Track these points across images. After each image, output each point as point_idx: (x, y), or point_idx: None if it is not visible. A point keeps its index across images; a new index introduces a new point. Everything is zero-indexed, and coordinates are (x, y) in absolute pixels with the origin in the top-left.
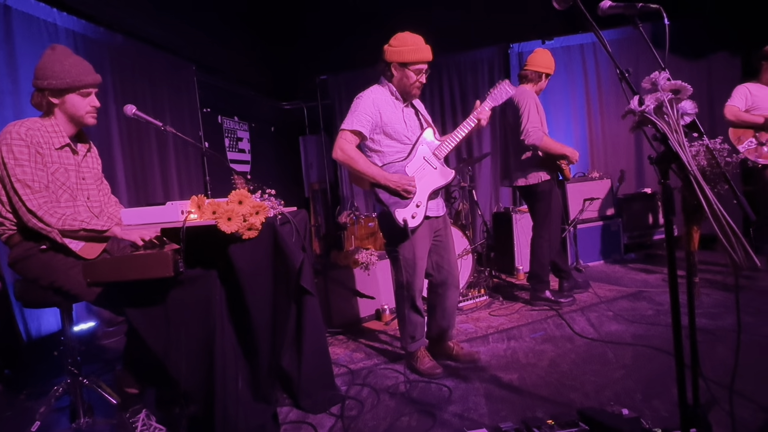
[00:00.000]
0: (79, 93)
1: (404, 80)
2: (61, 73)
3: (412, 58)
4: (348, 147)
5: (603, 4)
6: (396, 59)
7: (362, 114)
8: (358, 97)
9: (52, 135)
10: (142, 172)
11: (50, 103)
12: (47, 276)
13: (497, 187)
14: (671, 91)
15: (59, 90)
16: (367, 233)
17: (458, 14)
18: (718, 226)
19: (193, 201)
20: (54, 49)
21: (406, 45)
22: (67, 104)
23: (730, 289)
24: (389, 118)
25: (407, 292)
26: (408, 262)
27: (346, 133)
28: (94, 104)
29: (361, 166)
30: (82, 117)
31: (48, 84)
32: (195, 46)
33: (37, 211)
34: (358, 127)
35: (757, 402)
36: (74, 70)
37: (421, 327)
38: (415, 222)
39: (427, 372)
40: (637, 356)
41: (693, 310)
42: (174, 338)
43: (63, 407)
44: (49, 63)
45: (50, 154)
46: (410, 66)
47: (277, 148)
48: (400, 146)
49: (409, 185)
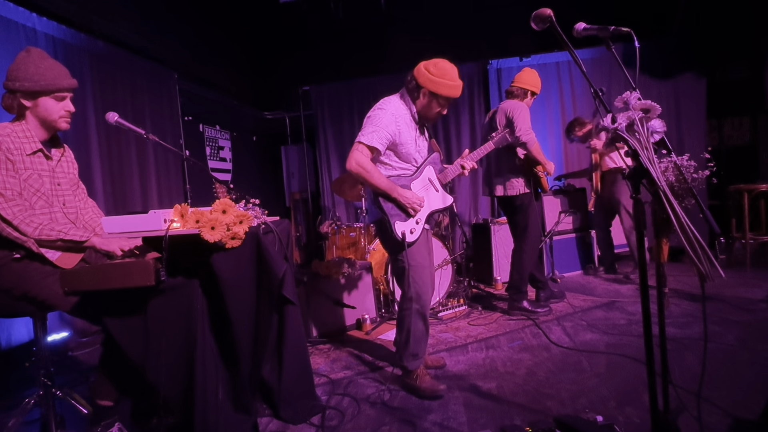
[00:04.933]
0: (53, 96)
1: (429, 108)
2: (35, 76)
3: (446, 93)
4: (363, 161)
5: (578, 26)
6: (431, 87)
7: (383, 131)
8: (380, 108)
9: (23, 140)
10: (120, 180)
11: (22, 106)
12: (20, 286)
13: (476, 198)
14: (642, 110)
15: (32, 92)
16: (349, 243)
17: (439, 31)
18: (685, 238)
19: (176, 210)
20: (29, 51)
21: (445, 78)
22: (40, 108)
23: (698, 299)
24: (405, 139)
25: (417, 305)
26: (416, 271)
27: (363, 147)
28: (68, 109)
29: (375, 180)
30: (55, 122)
31: (20, 86)
32: (177, 54)
33: (13, 220)
34: (377, 144)
35: (723, 407)
36: (49, 73)
37: (424, 344)
38: (413, 237)
39: (429, 391)
40: (611, 365)
41: (663, 320)
42: (154, 348)
43: (34, 420)
44: (23, 65)
45: (22, 160)
46: (441, 99)
47: (259, 157)
48: (405, 164)
49: (419, 205)
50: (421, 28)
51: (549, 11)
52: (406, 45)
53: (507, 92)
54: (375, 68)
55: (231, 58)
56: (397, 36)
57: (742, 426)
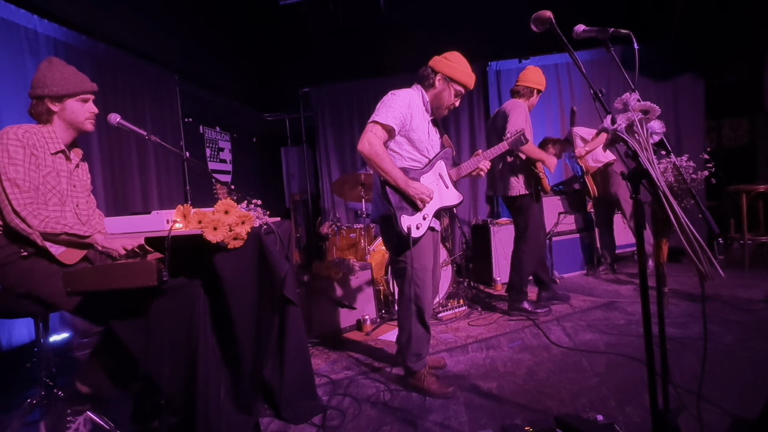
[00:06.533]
0: (78, 99)
1: (443, 95)
2: (61, 81)
3: (461, 79)
4: (376, 142)
5: (577, 28)
6: (447, 72)
7: (397, 110)
8: (393, 93)
9: (48, 141)
10: (121, 181)
11: (49, 111)
12: (25, 284)
13: (476, 199)
14: (641, 111)
15: (59, 96)
16: (349, 244)
17: (438, 32)
18: (685, 238)
19: (178, 210)
20: (50, 61)
21: (461, 65)
22: (67, 110)
23: (697, 300)
24: (417, 125)
25: (416, 306)
26: (417, 273)
27: (377, 126)
28: (93, 110)
29: (386, 165)
30: (81, 123)
31: (49, 91)
32: (178, 55)
33: (21, 211)
34: (392, 122)
35: (723, 407)
36: (73, 78)
37: (427, 344)
38: (419, 233)
39: (439, 393)
40: (611, 364)
41: (663, 320)
42: (156, 348)
43: (35, 421)
44: (48, 72)
45: (45, 157)
46: (455, 84)
47: (259, 159)
48: (419, 156)
49: (428, 197)
50: (420, 30)
51: (549, 13)
52: (405, 46)
53: (512, 92)
54: (375, 70)
55: (231, 59)
56: (396, 37)
57: (742, 425)
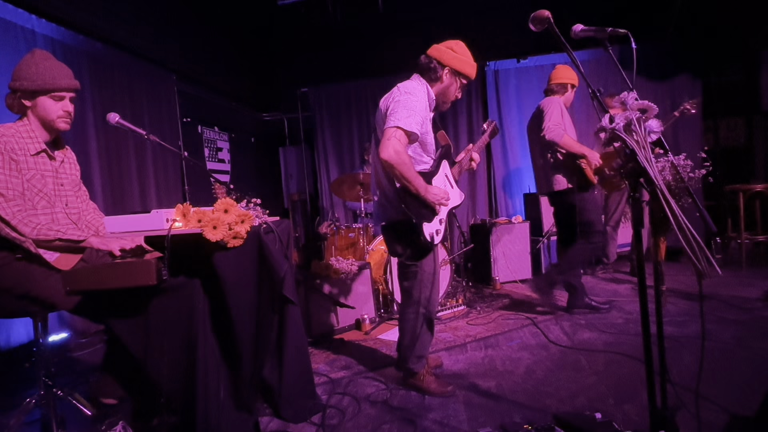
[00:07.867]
0: (50, 96)
1: (450, 90)
2: (33, 75)
3: (468, 72)
4: (402, 150)
5: (576, 27)
6: (455, 65)
7: (418, 114)
8: (409, 92)
9: (27, 141)
10: (119, 180)
11: (22, 105)
12: (22, 285)
13: (474, 198)
14: (639, 110)
15: (30, 92)
16: (347, 244)
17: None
18: (682, 236)
19: (178, 209)
20: (33, 53)
21: (467, 57)
22: (38, 107)
23: (695, 299)
24: (428, 126)
25: (425, 309)
26: (428, 276)
27: (401, 132)
28: (67, 109)
29: (410, 173)
30: (53, 121)
31: (20, 85)
32: (176, 55)
33: (11, 220)
34: (415, 128)
35: (721, 404)
36: (48, 73)
37: (429, 346)
38: (439, 238)
39: (439, 392)
40: (609, 363)
41: (661, 319)
42: (155, 347)
43: (34, 421)
44: (25, 65)
45: (26, 160)
46: (462, 77)
47: (257, 158)
48: (426, 157)
49: (446, 201)
50: (418, 30)
51: (547, 13)
52: (403, 46)
53: (546, 92)
54: (373, 70)
55: (229, 59)
56: (394, 37)
57: (739, 422)
